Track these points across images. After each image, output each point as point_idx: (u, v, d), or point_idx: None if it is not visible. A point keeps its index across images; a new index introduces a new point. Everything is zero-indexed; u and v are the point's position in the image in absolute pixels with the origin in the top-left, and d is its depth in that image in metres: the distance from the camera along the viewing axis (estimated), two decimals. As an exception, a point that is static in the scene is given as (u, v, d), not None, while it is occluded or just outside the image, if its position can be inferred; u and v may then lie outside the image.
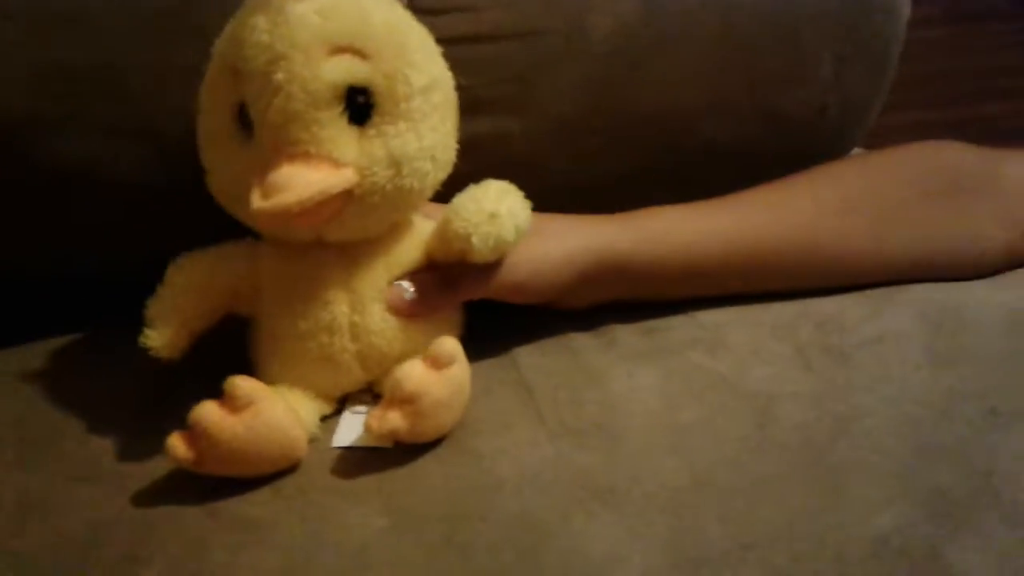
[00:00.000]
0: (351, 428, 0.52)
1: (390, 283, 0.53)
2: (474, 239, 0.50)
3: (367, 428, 0.49)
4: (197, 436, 0.47)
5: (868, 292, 0.59)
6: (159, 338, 0.51)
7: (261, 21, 0.46)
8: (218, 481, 0.48)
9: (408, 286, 0.53)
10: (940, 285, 0.59)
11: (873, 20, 0.66)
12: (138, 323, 0.52)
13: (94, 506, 0.48)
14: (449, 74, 0.52)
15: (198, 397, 0.47)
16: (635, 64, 0.61)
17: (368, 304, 0.52)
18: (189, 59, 0.52)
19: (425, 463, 0.50)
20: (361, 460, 0.50)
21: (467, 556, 0.44)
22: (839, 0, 0.64)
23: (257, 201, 0.46)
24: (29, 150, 0.56)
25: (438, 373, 0.48)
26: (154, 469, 0.50)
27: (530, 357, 0.57)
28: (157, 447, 0.48)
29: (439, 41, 0.58)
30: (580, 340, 0.58)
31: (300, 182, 0.45)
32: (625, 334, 0.58)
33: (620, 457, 0.49)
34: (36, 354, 0.62)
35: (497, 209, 0.50)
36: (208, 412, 0.47)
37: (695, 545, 0.43)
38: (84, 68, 0.55)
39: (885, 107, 0.70)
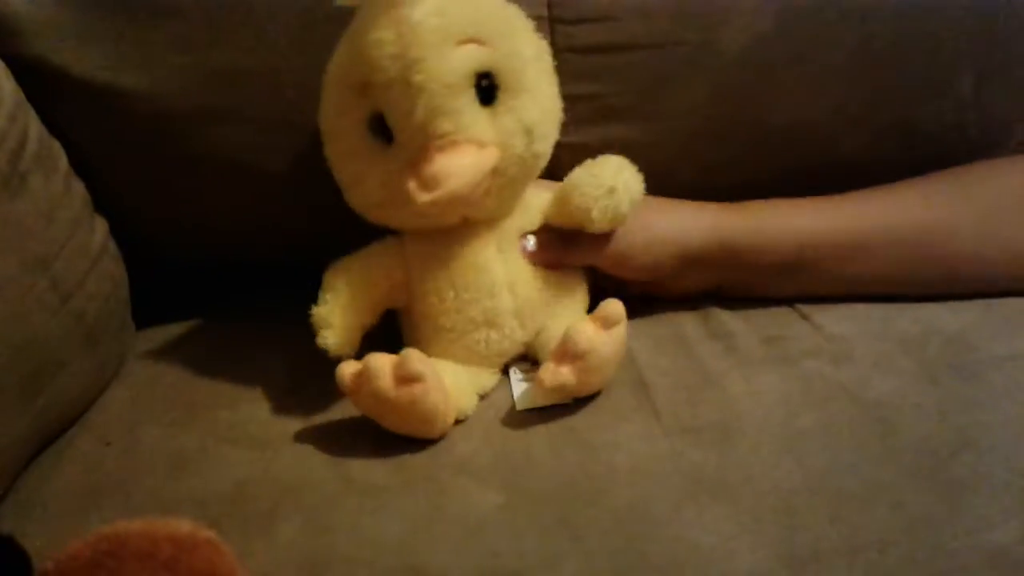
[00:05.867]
0: (521, 390, 0.56)
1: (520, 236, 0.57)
2: (594, 212, 0.54)
3: (539, 383, 0.53)
4: (364, 378, 0.51)
5: (997, 308, 0.58)
6: (334, 338, 0.55)
7: (386, 35, 0.49)
8: (351, 450, 0.52)
9: (532, 239, 0.57)
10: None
11: (1018, 40, 0.64)
12: (281, 307, 0.56)
13: (240, 466, 0.53)
14: (544, 42, 0.55)
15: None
16: (767, 77, 0.62)
17: (516, 259, 0.56)
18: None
19: (542, 450, 0.52)
20: (481, 442, 0.53)
21: (578, 538, 0.46)
22: (982, 17, 0.63)
23: (421, 196, 0.49)
24: (193, 139, 0.62)
25: (607, 332, 0.52)
26: (297, 437, 0.55)
27: (648, 355, 0.58)
28: (300, 419, 0.52)
29: (575, 50, 0.60)
30: (700, 343, 0.59)
31: (457, 169, 0.49)
32: (746, 340, 0.59)
33: (734, 456, 0.50)
34: (195, 332, 0.68)
35: (615, 184, 0.54)
36: (380, 368, 0.51)
37: (804, 544, 0.44)
38: (247, 68, 0.60)
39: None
